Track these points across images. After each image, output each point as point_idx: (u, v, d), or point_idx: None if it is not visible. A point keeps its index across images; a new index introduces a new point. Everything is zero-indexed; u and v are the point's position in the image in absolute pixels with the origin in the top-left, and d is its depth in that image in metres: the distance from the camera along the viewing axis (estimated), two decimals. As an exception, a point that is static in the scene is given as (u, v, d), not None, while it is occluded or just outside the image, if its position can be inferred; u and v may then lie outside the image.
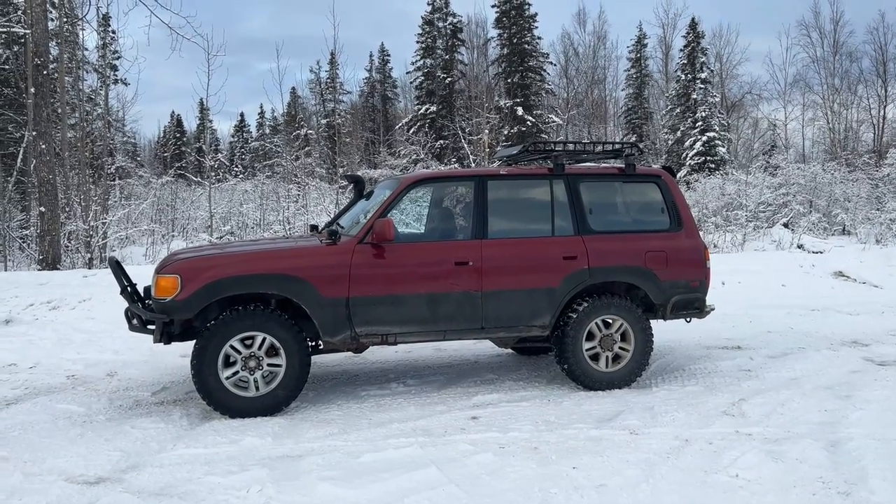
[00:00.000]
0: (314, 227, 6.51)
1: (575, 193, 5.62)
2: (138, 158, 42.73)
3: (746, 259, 13.18)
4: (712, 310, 5.95)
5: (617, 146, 6.03)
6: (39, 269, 12.42)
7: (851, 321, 8.43)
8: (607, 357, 5.58)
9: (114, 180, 19.50)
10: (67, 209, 14.90)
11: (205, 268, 4.92)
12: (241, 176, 30.17)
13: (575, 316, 5.46)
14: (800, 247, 16.73)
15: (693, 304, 5.80)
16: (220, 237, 17.61)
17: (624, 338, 5.61)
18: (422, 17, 36.54)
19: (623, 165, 5.85)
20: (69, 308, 9.05)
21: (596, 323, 5.53)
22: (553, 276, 5.42)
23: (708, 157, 30.33)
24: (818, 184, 21.50)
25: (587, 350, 5.52)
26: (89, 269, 12.97)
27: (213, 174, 19.98)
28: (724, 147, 31.17)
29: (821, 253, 14.40)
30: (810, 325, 8.26)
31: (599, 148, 5.99)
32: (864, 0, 50.66)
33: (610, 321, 5.58)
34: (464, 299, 5.25)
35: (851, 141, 35.69)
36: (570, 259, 5.46)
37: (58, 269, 12.36)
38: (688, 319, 5.99)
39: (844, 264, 12.14)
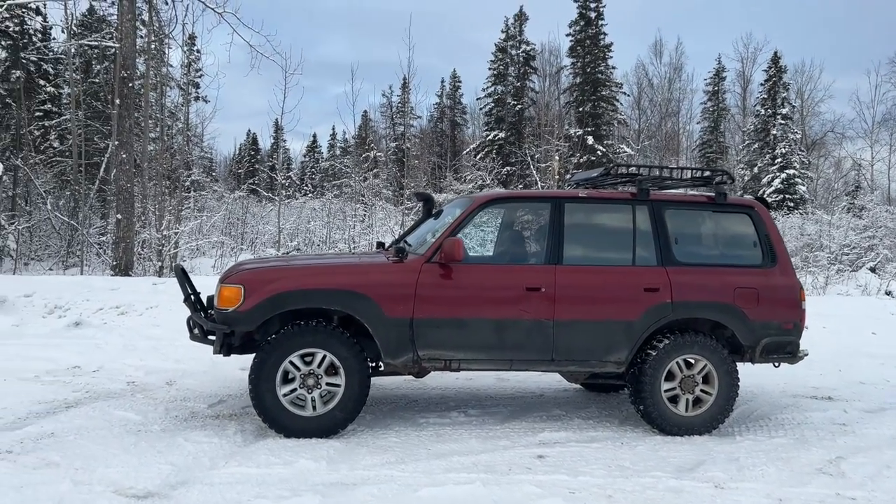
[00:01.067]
0: (381, 244, 6.33)
1: (659, 221, 5.25)
2: (213, 173, 44.12)
3: (831, 303, 12.35)
4: (805, 355, 5.45)
5: (707, 173, 5.64)
6: (112, 275, 12.71)
7: (955, 377, 7.67)
8: (687, 400, 5.15)
9: (189, 192, 20.00)
10: (143, 218, 15.28)
11: (269, 279, 4.77)
12: (310, 194, 30.69)
13: (654, 353, 5.06)
14: (888, 293, 15.69)
15: (785, 348, 5.31)
16: (287, 252, 17.77)
17: (707, 380, 5.17)
18: (495, 45, 36.63)
19: (713, 194, 5.45)
20: (137, 314, 9.14)
21: (677, 362, 5.12)
22: (632, 308, 5.05)
23: (787, 195, 29.13)
24: (908, 228, 20.24)
25: (666, 391, 5.11)
26: (159, 277, 13.20)
27: (283, 191, 20.28)
28: (804, 185, 29.90)
29: (912, 301, 13.41)
30: (908, 378, 7.56)
31: (688, 174, 5.62)
32: (961, 38, 48.28)
33: (692, 361, 5.15)
34: (534, 327, 4.93)
35: (945, 185, 33.71)
36: (651, 291, 5.08)
37: (130, 275, 12.62)
38: (776, 364, 5.51)
39: (942, 314, 11.21)
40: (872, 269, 18.44)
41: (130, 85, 13.45)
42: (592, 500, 3.76)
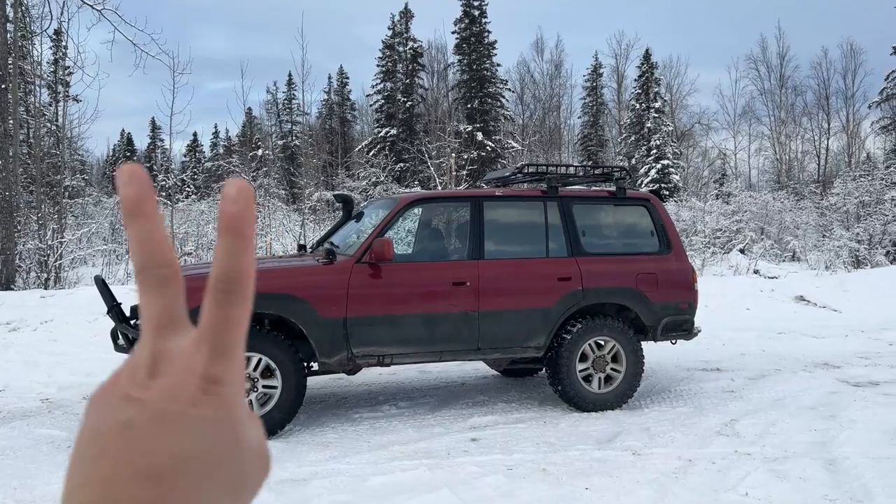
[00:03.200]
0: (302, 247, 6.42)
1: (568, 215, 5.69)
2: (86, 177, 41.60)
3: (709, 284, 13.47)
4: (699, 331, 6.07)
5: (607, 170, 6.14)
6: (-8, 289, 11.88)
7: (818, 344, 8.69)
8: (600, 378, 5.62)
9: (69, 199, 18.89)
10: (20, 228, 14.34)
11: (200, 286, 4.75)
12: (193, 196, 29.61)
13: (569, 337, 5.49)
14: (756, 272, 17.25)
15: (682, 326, 5.90)
16: (180, 257, 17.20)
17: (616, 359, 5.67)
18: (382, 42, 36.76)
19: (614, 189, 5.95)
20: (30, 329, 8.71)
21: (589, 344, 5.58)
22: (548, 297, 5.46)
23: (662, 185, 31.11)
24: (769, 211, 22.28)
25: (580, 371, 5.56)
26: (45, 289, 12.48)
27: (171, 194, 19.54)
28: (677, 175, 32.06)
29: (776, 278, 14.87)
30: (780, 347, 8.48)
31: (591, 171, 6.09)
32: (809, 36, 53.30)
33: (602, 342, 5.63)
34: (461, 320, 5.23)
35: (796, 171, 37.16)
36: (564, 280, 5.51)
37: (12, 289, 11.86)
38: (674, 341, 6.10)
39: (803, 289, 12.55)
40: (742, 251, 20.17)
41: (2, 86, 12.60)
42: (530, 474, 4.10)
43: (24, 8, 16.40)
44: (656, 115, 33.89)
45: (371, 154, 34.07)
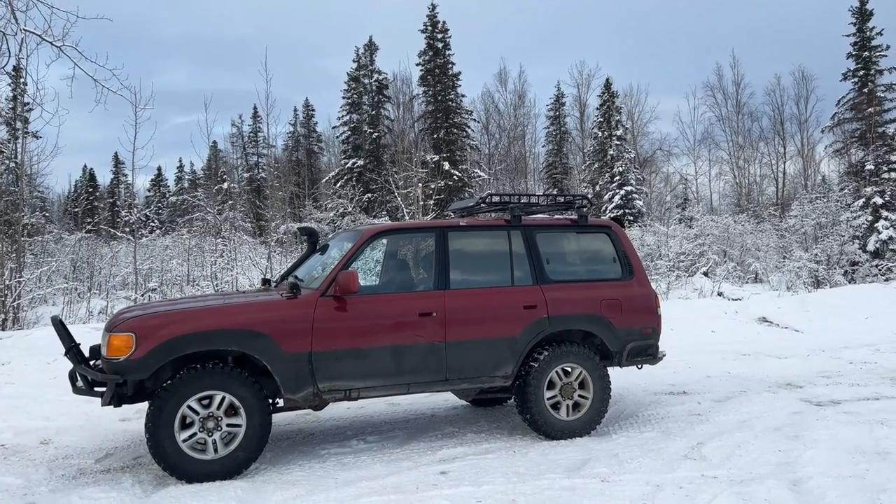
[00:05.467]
0: (266, 281, 6.36)
1: (532, 244, 5.74)
2: (47, 214, 40.80)
3: (674, 307, 13.67)
4: (664, 356, 6.13)
5: (569, 198, 6.22)
6: (-54, 332, 11.51)
7: (781, 364, 8.84)
8: (568, 405, 5.63)
9: (26, 236, 18.47)
10: (-23, 267, 13.96)
11: (161, 325, 4.70)
12: (157, 231, 29.19)
13: (536, 365, 5.51)
14: (720, 294, 17.53)
15: (647, 351, 5.96)
16: (143, 294, 16.89)
17: (583, 385, 5.69)
18: (347, 74, 36.94)
19: (576, 216, 6.02)
20: (-14, 372, 8.42)
21: (556, 371, 5.60)
22: (514, 325, 5.47)
23: (626, 210, 31.59)
24: (730, 234, 22.72)
25: (548, 399, 5.56)
26: (2, 330, 12.14)
27: (135, 229, 19.26)
28: (640, 200, 32.58)
29: (739, 300, 15.13)
30: (745, 368, 8.61)
31: (553, 200, 6.16)
32: (763, 64, 55.00)
33: (569, 369, 5.65)
34: (428, 351, 5.21)
35: (756, 194, 38.04)
36: (530, 308, 5.53)
37: (-33, 330, 11.51)
38: (639, 366, 6.14)
39: (766, 310, 12.79)
40: (705, 273, 20.50)
41: (-41, 123, 12.35)
42: (499, 506, 4.07)
43: (-19, 45, 16.17)
44: (618, 143, 34.49)
45: (338, 185, 34.05)
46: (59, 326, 4.97)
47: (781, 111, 39.23)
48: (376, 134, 35.77)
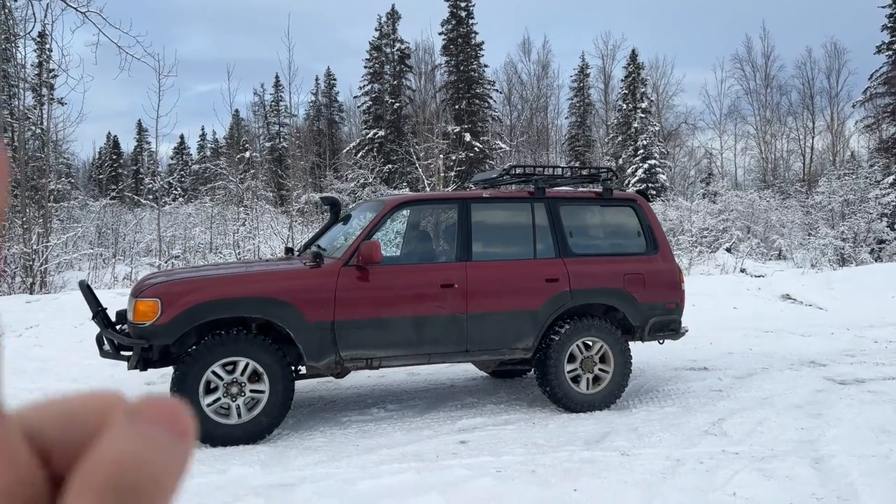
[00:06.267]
0: (289, 250, 6.40)
1: (555, 217, 5.69)
2: (72, 180, 41.30)
3: (696, 282, 13.56)
4: (686, 331, 6.09)
5: (594, 171, 6.15)
6: (-24, 295, 11.77)
7: (805, 342, 8.75)
8: (588, 379, 5.62)
9: (52, 202, 18.73)
10: (5, 232, 14.21)
11: (186, 291, 4.76)
12: (180, 199, 29.43)
13: (557, 338, 5.50)
14: (743, 270, 17.37)
15: (669, 326, 5.92)
16: (167, 261, 17.10)
17: (604, 360, 5.68)
18: (369, 43, 36.73)
19: (601, 189, 5.96)
20: (15, 335, 8.61)
21: (577, 345, 5.58)
22: (536, 298, 5.46)
23: (649, 185, 31.27)
24: (755, 210, 22.42)
25: (569, 372, 5.56)
26: (31, 294, 12.37)
27: (158, 197, 19.43)
28: (664, 174, 32.22)
29: (762, 276, 14.97)
30: (767, 346, 8.53)
31: (578, 172, 6.10)
32: (794, 36, 53.69)
33: (590, 343, 5.64)
34: (449, 322, 5.22)
35: (782, 170, 37.44)
36: (552, 281, 5.51)
37: (-4, 294, 11.74)
38: (661, 341, 6.11)
39: (789, 287, 12.64)
40: (728, 250, 20.29)
41: (-14, 89, 12.47)
42: (519, 476, 4.10)
43: (6, 10, 16.27)
44: (643, 116, 34.04)
45: (359, 156, 34.05)
46: (87, 291, 5.04)
47: (811, 85, 38.44)
48: (398, 104, 35.61)
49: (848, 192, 22.53)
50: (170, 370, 4.97)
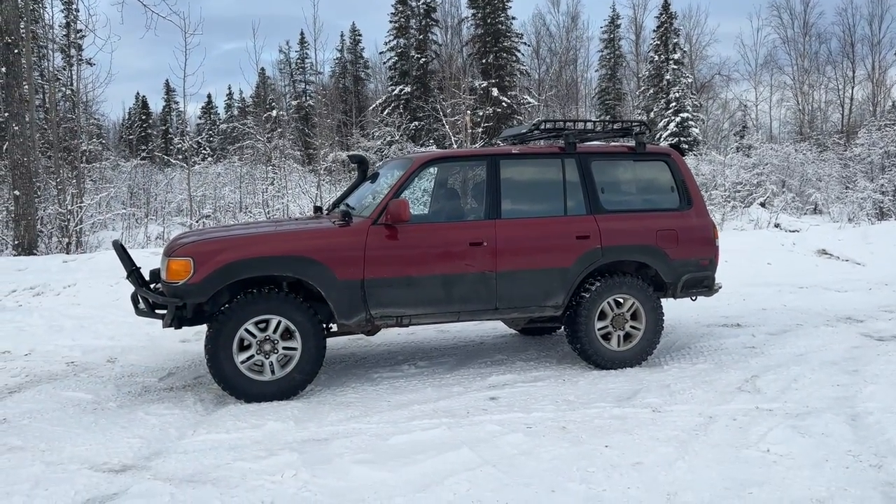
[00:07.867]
0: (318, 209, 6.40)
1: (586, 172, 5.59)
2: (103, 141, 41.71)
3: (729, 238, 13.30)
4: (720, 288, 6.00)
5: (626, 125, 6.01)
6: (15, 255, 12.05)
7: (841, 298, 8.59)
8: (619, 336, 5.59)
9: (86, 163, 18.97)
10: (41, 193, 14.46)
11: (218, 250, 4.79)
12: (209, 158, 29.60)
13: (588, 296, 5.45)
14: (777, 225, 17.02)
15: (703, 283, 5.83)
16: (198, 220, 17.29)
17: (635, 317, 5.63)
18: (394, -3, 36.10)
19: (633, 144, 5.83)
20: (54, 294, 8.81)
21: (608, 302, 5.53)
22: (566, 255, 5.40)
23: (681, 138, 30.62)
24: (791, 164, 21.86)
25: (599, 329, 5.53)
26: (67, 253, 12.63)
27: (188, 157, 19.53)
28: (697, 128, 31.50)
29: (797, 231, 14.65)
30: (802, 302, 8.40)
31: (609, 126, 5.96)
32: (832, -18, 51.42)
33: (621, 300, 5.58)
34: (478, 280, 5.20)
35: (819, 121, 36.35)
36: (583, 238, 5.44)
37: (34, 254, 12.01)
38: (694, 298, 6.03)
39: (825, 242, 12.35)
40: (762, 204, 19.88)
41: (16, 51, 12.55)
42: (549, 433, 4.11)
43: (32, -30, 16.24)
44: (675, 67, 33.15)
45: (385, 113, 33.82)
46: (121, 250, 5.11)
47: (852, 32, 37.02)
48: (424, 59, 35.15)
49: (889, 144, 21.79)
50: (204, 328, 5.05)
